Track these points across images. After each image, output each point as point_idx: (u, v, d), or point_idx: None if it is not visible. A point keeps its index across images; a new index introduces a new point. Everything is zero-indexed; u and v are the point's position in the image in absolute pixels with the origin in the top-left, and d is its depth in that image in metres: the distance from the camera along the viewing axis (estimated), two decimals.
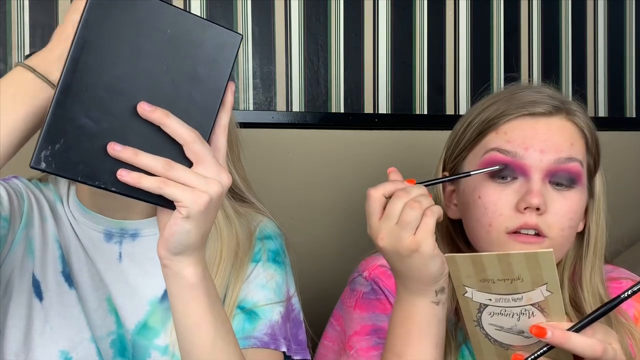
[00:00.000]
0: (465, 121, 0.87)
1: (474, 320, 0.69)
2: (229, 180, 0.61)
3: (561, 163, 0.78)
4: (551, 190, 0.78)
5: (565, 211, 0.78)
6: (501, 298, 0.66)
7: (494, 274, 0.65)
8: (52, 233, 0.82)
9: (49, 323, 0.79)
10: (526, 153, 0.78)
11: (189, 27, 0.59)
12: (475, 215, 0.81)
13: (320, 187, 1.33)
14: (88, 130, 0.57)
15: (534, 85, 0.86)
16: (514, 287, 0.65)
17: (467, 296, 0.67)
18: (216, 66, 0.60)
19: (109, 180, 0.58)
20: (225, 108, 0.62)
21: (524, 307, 0.66)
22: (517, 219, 0.77)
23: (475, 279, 0.66)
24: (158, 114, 0.58)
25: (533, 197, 0.76)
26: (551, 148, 0.78)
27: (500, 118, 0.81)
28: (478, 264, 0.65)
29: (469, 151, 0.84)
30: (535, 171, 0.78)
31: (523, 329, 0.67)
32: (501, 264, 0.64)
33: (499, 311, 0.67)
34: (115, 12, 0.57)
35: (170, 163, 0.58)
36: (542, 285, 0.64)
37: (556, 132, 0.80)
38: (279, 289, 0.85)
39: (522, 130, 0.80)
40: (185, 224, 0.59)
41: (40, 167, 0.55)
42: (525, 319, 0.66)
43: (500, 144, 0.80)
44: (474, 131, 0.84)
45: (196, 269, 0.64)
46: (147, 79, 0.58)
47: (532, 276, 0.64)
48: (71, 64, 0.56)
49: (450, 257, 0.66)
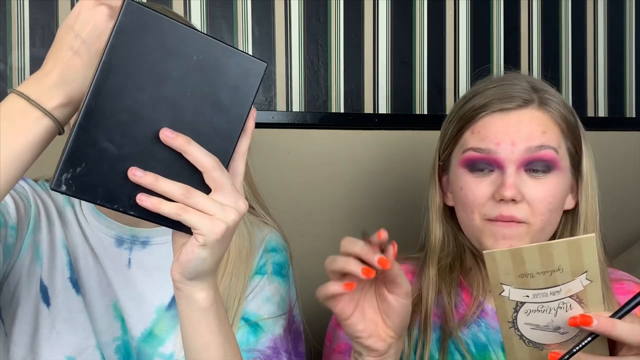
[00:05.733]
0: (449, 116, 0.91)
1: (509, 322, 0.69)
2: (245, 207, 0.61)
3: (532, 152, 0.81)
4: (527, 179, 0.81)
5: (542, 196, 0.81)
6: (539, 293, 0.66)
7: (533, 267, 0.65)
8: (60, 238, 0.82)
9: (56, 329, 0.79)
10: (498, 147, 0.81)
11: (215, 53, 0.59)
12: (460, 204, 0.85)
13: (320, 187, 1.33)
14: (109, 155, 0.57)
15: (508, 77, 0.89)
16: (553, 280, 0.65)
17: (504, 295, 0.67)
18: (240, 93, 0.60)
19: (128, 204, 0.58)
20: (246, 134, 0.62)
21: (562, 301, 0.66)
22: (495, 209, 0.81)
23: (513, 275, 0.66)
24: (180, 141, 0.58)
25: (506, 189, 0.79)
26: (522, 139, 0.81)
27: (474, 116, 0.85)
28: (517, 258, 0.65)
29: (453, 147, 0.88)
30: (508, 163, 0.81)
31: (560, 325, 0.67)
32: (541, 256, 0.65)
33: (536, 308, 0.67)
34: (142, 37, 0.56)
35: (189, 190, 0.58)
36: (581, 274, 0.65)
37: (526, 123, 0.82)
38: (283, 302, 0.86)
39: (493, 126, 0.83)
40: (202, 251, 0.60)
41: (60, 190, 0.56)
42: (563, 313, 0.66)
43: (475, 143, 0.84)
44: (454, 127, 0.88)
45: (208, 293, 0.64)
46: (170, 105, 0.58)
47: (572, 265, 0.64)
48: (96, 88, 0.56)
49: (488, 254, 0.66)
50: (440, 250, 0.90)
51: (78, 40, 0.58)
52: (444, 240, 0.91)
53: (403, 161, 1.36)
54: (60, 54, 0.59)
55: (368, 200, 1.35)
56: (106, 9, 0.58)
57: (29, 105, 0.58)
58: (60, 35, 0.60)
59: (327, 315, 0.96)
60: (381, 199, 1.36)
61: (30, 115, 0.58)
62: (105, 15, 0.58)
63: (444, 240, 0.91)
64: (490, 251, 0.66)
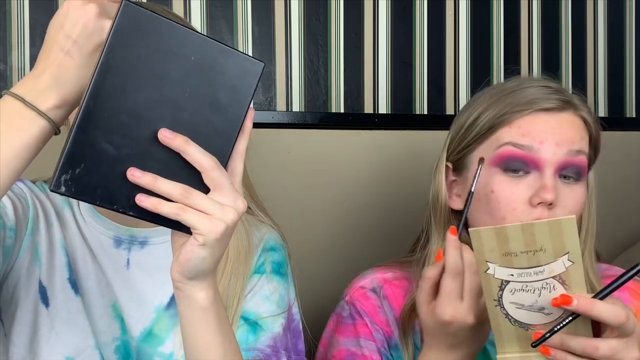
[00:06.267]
0: (471, 113, 0.86)
1: (494, 300, 0.70)
2: (244, 206, 0.62)
3: (573, 155, 0.80)
4: (560, 184, 0.80)
5: (572, 204, 0.80)
6: (523, 272, 0.68)
7: (516, 246, 0.67)
8: (58, 239, 0.82)
9: (55, 329, 0.79)
10: (542, 146, 0.79)
11: (212, 54, 0.59)
12: (487, 209, 0.81)
13: (320, 187, 1.33)
14: (108, 155, 0.57)
15: (536, 78, 0.87)
16: (537, 260, 0.67)
17: (489, 273, 0.69)
18: (237, 93, 0.60)
19: (127, 205, 0.58)
20: (244, 134, 0.62)
21: (545, 281, 0.67)
22: (530, 213, 0.78)
23: (497, 253, 0.67)
24: (178, 142, 0.58)
25: (547, 192, 0.77)
26: (565, 141, 0.80)
27: (513, 114, 0.82)
28: (501, 236, 0.67)
29: (478, 144, 0.85)
30: (548, 165, 0.79)
31: (544, 305, 0.68)
32: (524, 235, 0.66)
33: (520, 287, 0.68)
34: (140, 38, 0.56)
35: (188, 190, 0.58)
36: (564, 255, 0.66)
37: (567, 126, 0.81)
38: (282, 301, 0.86)
39: (536, 125, 0.80)
40: (201, 250, 0.60)
41: (60, 191, 0.56)
42: (546, 293, 0.68)
43: (514, 137, 0.80)
44: (484, 125, 0.84)
45: (208, 292, 0.64)
46: (169, 105, 0.58)
47: (554, 245, 0.66)
48: (94, 89, 0.56)
49: (474, 231, 0.68)
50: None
51: (69, 41, 0.58)
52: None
53: (403, 161, 1.36)
54: (51, 55, 0.59)
55: (367, 200, 1.35)
56: (95, 7, 0.58)
57: (24, 107, 0.58)
58: (51, 35, 0.59)
59: (326, 313, 0.96)
60: (381, 199, 1.36)
61: (26, 117, 0.58)
62: (95, 14, 0.58)
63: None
64: (476, 229, 0.68)
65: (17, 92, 0.58)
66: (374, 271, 0.95)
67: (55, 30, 0.59)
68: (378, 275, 0.94)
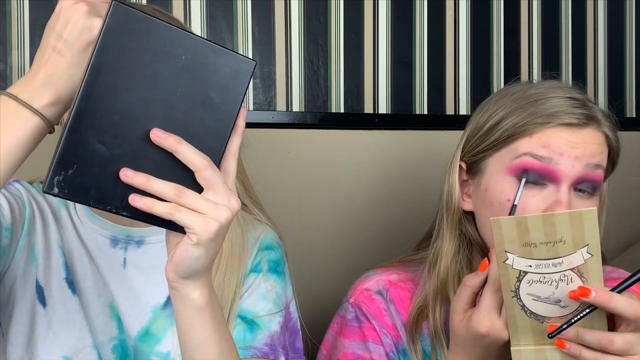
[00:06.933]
0: (491, 116, 0.85)
1: (511, 291, 0.70)
2: (238, 205, 0.62)
3: (591, 169, 0.79)
4: (574, 197, 0.80)
5: None
6: (541, 264, 0.68)
7: (536, 236, 0.67)
8: (55, 239, 0.82)
9: (52, 329, 0.79)
10: (561, 159, 0.78)
11: (204, 53, 0.59)
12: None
13: (320, 187, 1.33)
14: (101, 156, 0.57)
15: (563, 86, 0.85)
16: (556, 251, 0.67)
17: (507, 263, 0.69)
18: (229, 92, 0.60)
19: (121, 205, 0.58)
20: (236, 133, 0.62)
21: (564, 273, 0.68)
22: None
23: (517, 243, 0.68)
24: (171, 141, 0.58)
25: (561, 208, 0.77)
26: (584, 155, 0.79)
27: (535, 125, 0.80)
28: (522, 226, 0.67)
29: (496, 151, 0.83)
30: (565, 178, 0.78)
31: (561, 298, 0.69)
32: (545, 225, 0.66)
33: (538, 278, 0.69)
34: (131, 37, 0.56)
35: (181, 189, 0.58)
36: (583, 247, 0.66)
37: (589, 141, 0.80)
38: (279, 299, 0.86)
39: (557, 138, 0.79)
40: (195, 250, 0.60)
41: (53, 193, 0.56)
42: (564, 285, 0.68)
43: (534, 148, 0.79)
44: (503, 132, 0.82)
45: (203, 291, 0.64)
46: (161, 105, 0.58)
47: (574, 237, 0.66)
48: (85, 89, 0.56)
49: (495, 221, 0.68)
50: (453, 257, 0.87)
51: (60, 40, 0.59)
52: (459, 249, 0.87)
53: (403, 161, 1.36)
54: (44, 55, 0.60)
55: (368, 200, 1.35)
56: (84, 6, 0.59)
57: (18, 105, 0.59)
58: (45, 37, 0.60)
59: (326, 314, 0.96)
60: (381, 198, 1.36)
61: (20, 115, 0.59)
62: (84, 13, 0.58)
63: (459, 248, 0.87)
64: (497, 218, 0.68)
65: (12, 91, 0.59)
66: (378, 272, 0.94)
67: (49, 31, 0.60)
68: (383, 277, 0.92)
